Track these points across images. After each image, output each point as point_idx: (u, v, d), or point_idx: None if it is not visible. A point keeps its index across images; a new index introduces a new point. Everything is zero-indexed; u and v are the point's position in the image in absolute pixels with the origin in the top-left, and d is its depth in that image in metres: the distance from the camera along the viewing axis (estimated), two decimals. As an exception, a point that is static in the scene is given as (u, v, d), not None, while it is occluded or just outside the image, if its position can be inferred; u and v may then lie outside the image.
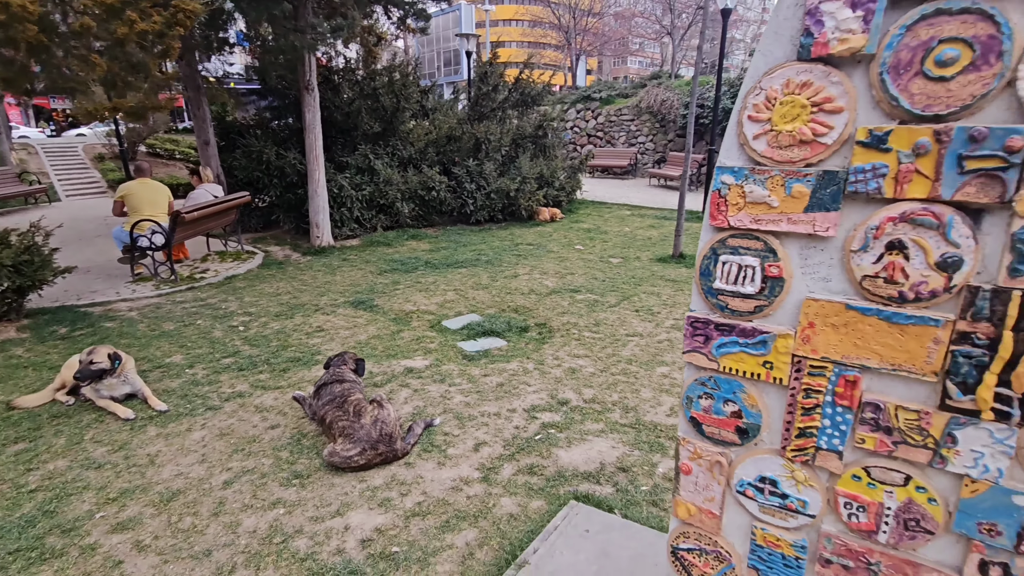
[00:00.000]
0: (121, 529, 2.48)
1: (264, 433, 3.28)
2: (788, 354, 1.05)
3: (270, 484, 2.79)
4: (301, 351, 4.51)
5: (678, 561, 1.34)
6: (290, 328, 5.06)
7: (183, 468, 2.94)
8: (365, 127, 9.73)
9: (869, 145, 0.90)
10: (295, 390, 3.75)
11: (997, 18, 0.79)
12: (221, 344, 4.67)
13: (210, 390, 3.84)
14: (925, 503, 0.99)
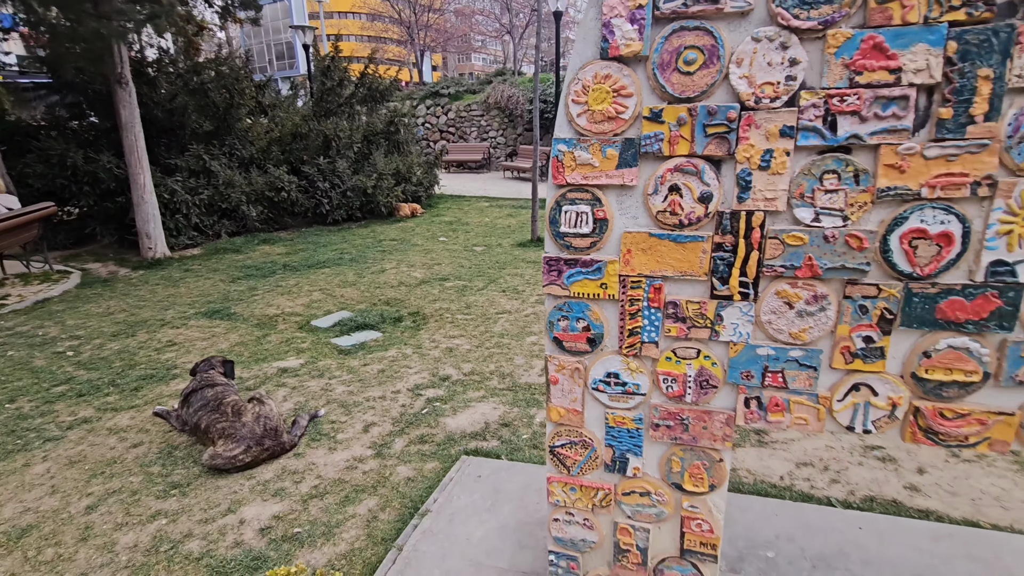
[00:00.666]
0: (-41, 579, 2.19)
1: (126, 453, 3.03)
2: (616, 275, 1.42)
3: (144, 499, 2.63)
4: (153, 367, 4.14)
5: (556, 457, 1.68)
6: (134, 346, 4.58)
7: (29, 504, 2.63)
8: (194, 126, 8.90)
9: (651, 119, 1.29)
10: (155, 406, 3.48)
11: (715, 33, 1.21)
12: (47, 373, 4.09)
13: (44, 421, 3.39)
14: (711, 367, 1.43)
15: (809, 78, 1.19)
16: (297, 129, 9.69)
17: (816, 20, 1.14)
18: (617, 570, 1.74)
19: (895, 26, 1.11)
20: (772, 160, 1.23)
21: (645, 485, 1.61)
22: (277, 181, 8.94)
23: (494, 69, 54.95)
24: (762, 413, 1.42)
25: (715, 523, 1.59)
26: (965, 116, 1.11)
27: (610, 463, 1.62)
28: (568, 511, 1.72)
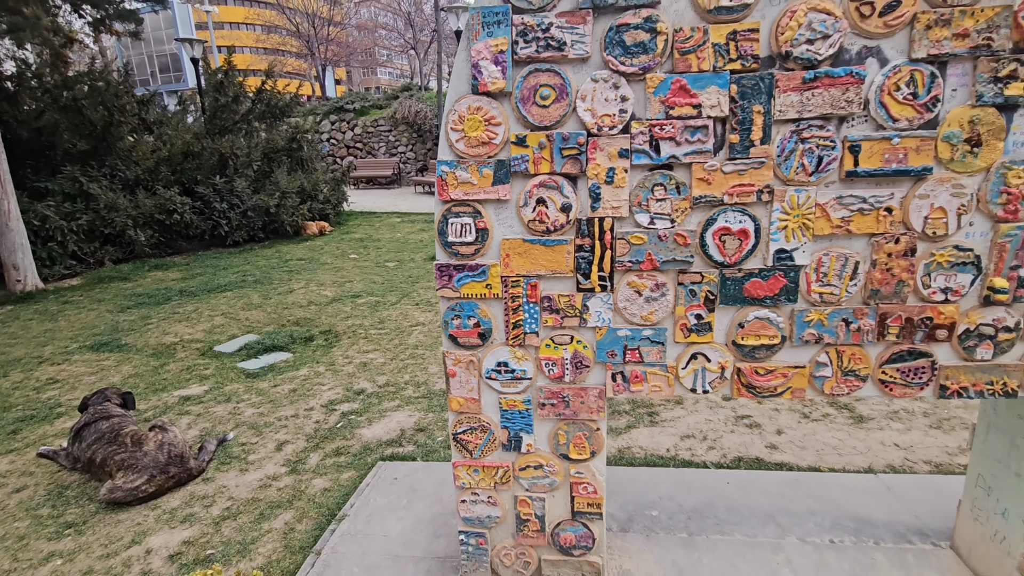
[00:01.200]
0: None
1: (7, 499, 2.81)
2: (498, 276, 1.64)
3: (34, 543, 2.47)
4: (32, 408, 3.82)
5: (459, 444, 1.87)
6: (7, 387, 4.18)
7: None
8: (66, 145, 8.18)
9: (517, 144, 1.54)
10: (39, 447, 3.23)
11: (563, 74, 1.48)
12: (-102, 424, 3.63)
13: (-101, 477, 3.04)
14: (583, 350, 1.69)
15: (637, 111, 1.50)
16: (189, 148, 9.17)
17: (637, 66, 1.45)
18: (520, 540, 1.96)
19: (694, 72, 1.44)
20: (615, 176, 1.52)
21: (538, 459, 1.84)
22: (168, 203, 8.41)
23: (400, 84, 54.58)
24: (626, 385, 1.70)
25: (598, 485, 1.85)
26: (748, 140, 1.46)
27: (507, 443, 1.84)
28: (473, 491, 1.91)
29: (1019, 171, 1.41)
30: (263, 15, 32.41)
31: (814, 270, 1.54)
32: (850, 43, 1.39)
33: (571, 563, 1.97)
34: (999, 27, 1.33)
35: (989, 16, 1.32)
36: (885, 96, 1.40)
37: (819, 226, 1.50)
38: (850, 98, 1.40)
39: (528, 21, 1.45)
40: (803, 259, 1.53)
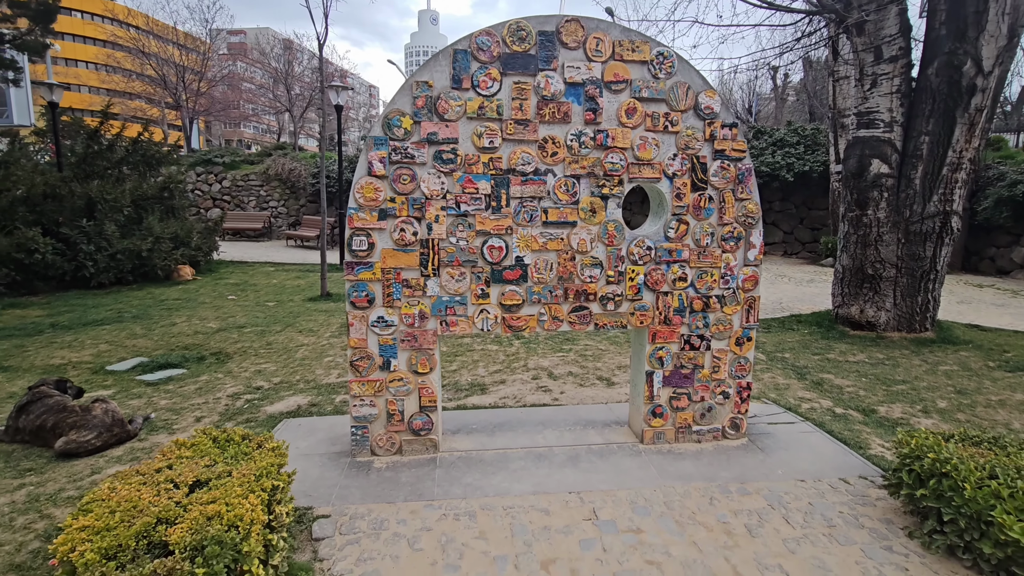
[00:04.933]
0: None
1: (-44, 462, 3.42)
2: (380, 268, 3.12)
3: (2, 479, 3.20)
4: (-64, 410, 4.23)
5: (354, 367, 3.23)
6: None
7: None
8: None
9: (391, 201, 3.08)
10: (-33, 430, 3.79)
11: (413, 169, 3.08)
12: None
13: None
14: (425, 308, 3.21)
15: (450, 187, 3.14)
16: (53, 190, 9.24)
17: (448, 169, 3.11)
18: (389, 428, 3.33)
19: (475, 173, 3.14)
20: (439, 218, 3.13)
21: (400, 375, 3.27)
22: (29, 243, 8.41)
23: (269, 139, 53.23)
24: (447, 327, 3.24)
25: (436, 389, 3.32)
26: (499, 205, 3.17)
27: (382, 365, 3.25)
28: (361, 398, 3.27)
29: (611, 224, 3.30)
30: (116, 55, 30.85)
31: (534, 266, 3.26)
32: (540, 166, 3.20)
33: (420, 441, 3.37)
34: (595, 166, 3.23)
35: (591, 161, 3.22)
36: (556, 190, 3.21)
37: (534, 246, 3.24)
38: (542, 190, 3.20)
39: (397, 145, 3.06)
40: (529, 261, 3.25)
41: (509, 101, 3.15)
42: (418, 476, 3.19)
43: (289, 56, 32.58)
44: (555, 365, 5.61)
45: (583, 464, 3.37)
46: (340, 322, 7.47)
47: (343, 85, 11.67)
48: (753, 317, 3.57)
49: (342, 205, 14.77)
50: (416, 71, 3.13)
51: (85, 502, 2.09)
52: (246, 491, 2.13)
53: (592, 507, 2.94)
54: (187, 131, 26.46)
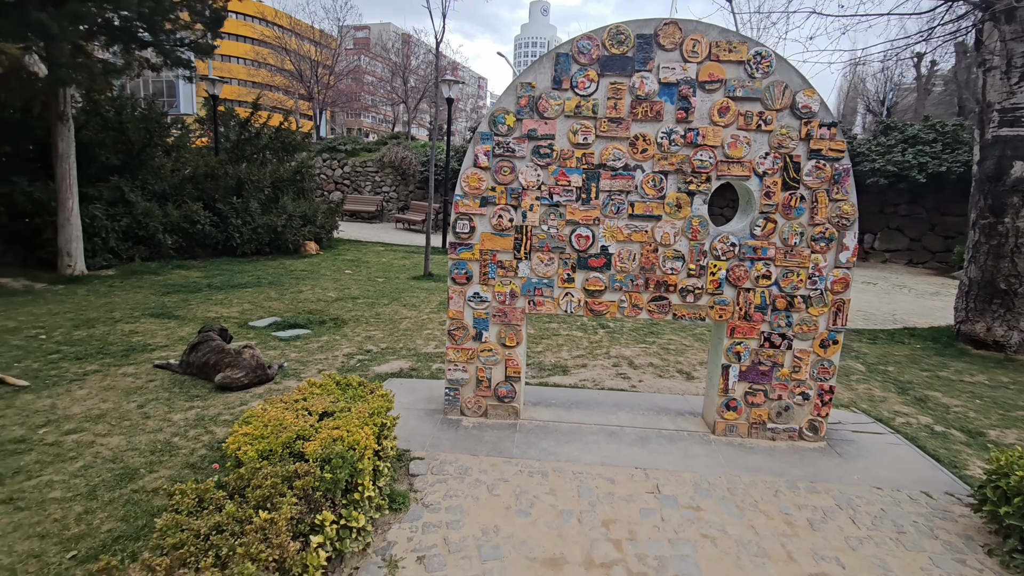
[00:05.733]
0: (70, 435, 3.51)
1: (146, 384, 4.38)
2: (479, 249, 3.53)
3: (178, 402, 4.07)
4: (129, 345, 5.35)
5: (451, 336, 3.68)
6: (101, 333, 5.68)
7: (89, 407, 3.92)
8: (103, 159, 9.66)
9: (492, 190, 3.46)
10: (148, 366, 4.79)
11: (513, 162, 3.43)
12: (32, 348, 5.11)
13: (59, 373, 4.55)
14: (515, 288, 3.57)
15: (545, 179, 3.46)
16: (213, 171, 10.86)
17: (544, 161, 3.42)
18: (477, 393, 3.75)
19: (568, 167, 3.42)
20: (533, 208, 3.46)
21: (489, 346, 3.67)
22: (194, 215, 10.00)
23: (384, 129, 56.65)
24: (534, 306, 3.58)
25: (520, 362, 3.69)
26: (589, 197, 3.44)
27: (475, 336, 3.67)
28: (455, 364, 3.71)
29: (696, 220, 3.43)
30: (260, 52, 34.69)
31: (618, 256, 3.49)
32: (630, 162, 3.41)
33: (504, 407, 3.76)
34: (683, 163, 3.37)
35: (680, 158, 3.37)
36: (644, 185, 3.41)
37: (619, 236, 3.47)
38: (631, 184, 3.41)
39: (500, 139, 3.42)
40: (613, 250, 3.49)
41: (604, 100, 3.39)
42: (499, 437, 3.58)
43: (407, 50, 34.61)
44: (636, 355, 5.76)
45: (652, 445, 3.57)
46: (439, 300, 8.13)
47: (455, 79, 12.38)
48: (841, 320, 3.52)
49: (447, 192, 15.70)
50: (521, 73, 3.47)
51: (246, 416, 2.70)
52: (362, 423, 2.63)
53: (656, 483, 3.15)
54: (317, 121, 29.24)
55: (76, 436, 3.47)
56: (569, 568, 2.42)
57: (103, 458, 3.22)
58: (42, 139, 8.82)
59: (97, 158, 9.69)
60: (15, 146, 9.05)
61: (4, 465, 3.09)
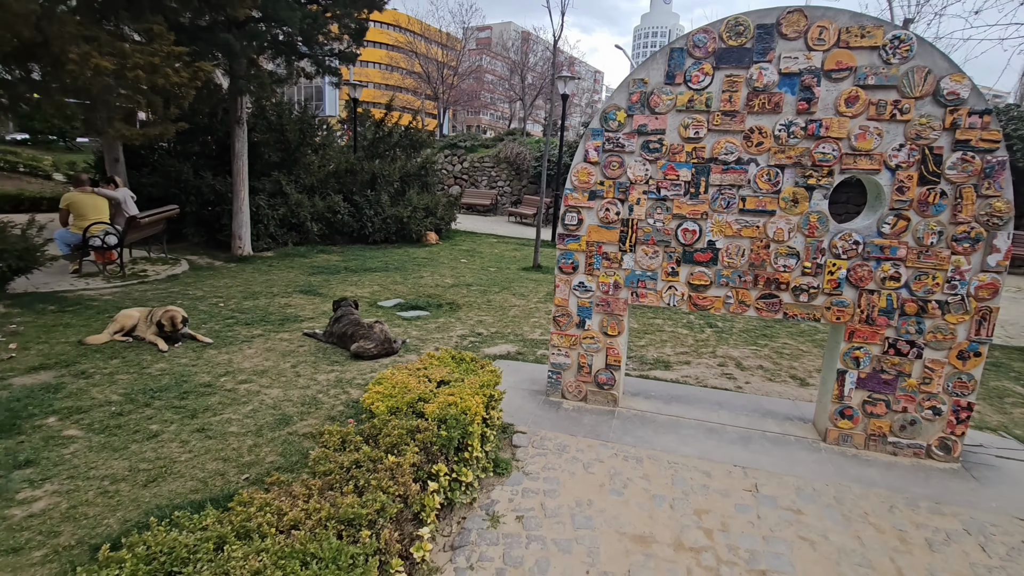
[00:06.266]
0: (242, 384, 4.29)
1: (297, 348, 5.17)
2: (585, 241, 3.70)
3: (322, 365, 4.77)
4: (286, 315, 6.29)
5: (555, 322, 3.90)
6: (263, 304, 6.73)
7: (256, 364, 4.74)
8: (266, 157, 11.20)
9: (600, 184, 3.61)
10: (299, 334, 5.62)
11: (622, 157, 3.55)
12: (214, 313, 6.21)
13: (233, 334, 5.51)
14: (619, 279, 3.69)
15: (653, 174, 3.53)
16: (352, 167, 12.14)
17: (653, 156, 3.50)
18: (578, 378, 3.94)
19: (677, 161, 3.46)
20: (640, 202, 3.55)
21: (592, 334, 3.84)
22: (335, 206, 11.29)
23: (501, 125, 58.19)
24: (637, 298, 3.68)
25: (621, 351, 3.81)
26: (698, 191, 3.45)
27: (578, 324, 3.86)
28: (558, 349, 3.93)
29: (814, 216, 3.29)
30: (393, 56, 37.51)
31: (725, 251, 3.47)
32: (743, 155, 3.36)
33: (603, 393, 3.92)
34: (803, 156, 3.25)
35: (799, 151, 3.25)
36: (757, 179, 3.34)
37: (727, 231, 3.44)
38: (742, 179, 3.36)
39: (610, 135, 3.56)
40: (721, 245, 3.47)
41: (719, 94, 3.37)
42: (597, 421, 3.75)
43: (525, 48, 35.33)
44: (745, 357, 5.55)
45: (754, 446, 3.50)
46: (547, 291, 8.40)
47: (570, 76, 12.51)
48: (986, 330, 3.17)
49: (559, 187, 15.95)
50: (633, 70, 3.57)
51: (378, 378, 3.16)
52: (473, 393, 2.95)
53: (755, 482, 3.12)
54: (440, 119, 31.05)
55: (247, 386, 4.24)
56: (658, 547, 2.53)
57: (266, 405, 3.92)
58: (222, 140, 10.51)
59: (262, 156, 11.30)
60: (204, 146, 10.89)
61: (197, 403, 3.89)
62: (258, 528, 1.81)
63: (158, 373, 4.36)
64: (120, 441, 3.30)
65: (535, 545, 2.47)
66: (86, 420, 3.52)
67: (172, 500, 2.77)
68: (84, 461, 3.06)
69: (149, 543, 1.69)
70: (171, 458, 3.15)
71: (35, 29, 4.55)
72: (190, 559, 1.66)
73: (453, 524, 2.61)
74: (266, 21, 8.29)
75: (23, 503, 2.69)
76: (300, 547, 1.69)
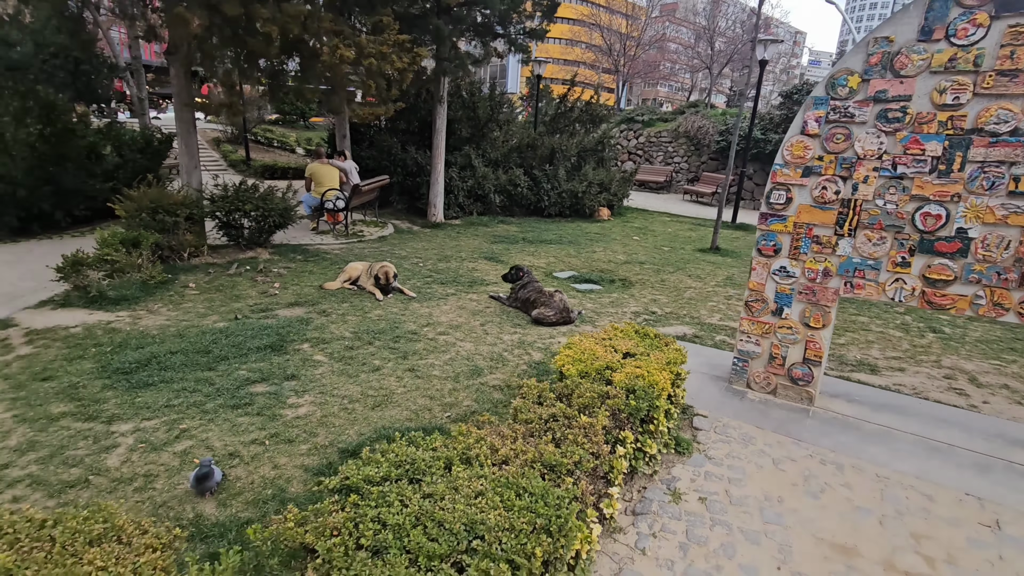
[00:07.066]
0: (441, 335, 4.85)
1: (484, 309, 5.66)
2: (792, 222, 3.39)
3: (506, 326, 5.16)
4: (473, 278, 6.89)
5: (747, 307, 3.68)
6: (453, 267, 7.46)
7: (451, 319, 5.32)
8: (459, 132, 12.13)
9: (819, 159, 3.25)
10: (485, 296, 6.12)
11: (849, 128, 3.14)
12: (415, 271, 7.07)
13: (431, 291, 6.23)
14: (830, 266, 3.32)
15: (889, 147, 3.07)
16: (533, 142, 12.60)
17: (892, 127, 3.03)
18: (768, 369, 3.69)
19: (924, 133, 2.96)
20: (868, 179, 3.13)
21: (790, 324, 3.54)
22: (516, 179, 11.88)
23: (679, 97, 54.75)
24: (851, 289, 3.28)
25: (823, 345, 3.46)
26: (950, 169, 2.91)
27: (774, 311, 3.59)
28: (748, 336, 3.71)
29: None
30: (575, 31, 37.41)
31: (981, 241, 2.89)
32: (1022, 124, 2.74)
33: (796, 389, 3.61)
34: (1122, 124, 2.53)
35: (1116, 118, 2.54)
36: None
37: (988, 218, 2.86)
38: (1018, 153, 2.75)
39: (837, 104, 3.17)
40: (975, 234, 2.90)
41: (995, 49, 2.77)
42: (788, 418, 3.48)
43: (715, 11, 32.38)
44: (984, 372, 4.60)
45: (995, 476, 2.94)
46: (726, 275, 7.88)
47: (773, 39, 11.22)
48: None
49: (745, 164, 14.58)
50: (876, 27, 3.10)
51: (568, 343, 3.34)
52: (660, 368, 2.97)
53: (995, 518, 2.64)
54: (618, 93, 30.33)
55: (444, 337, 4.80)
56: (863, 562, 2.32)
57: (461, 356, 4.40)
58: (423, 118, 11.69)
59: (455, 132, 12.32)
60: (409, 123, 12.24)
61: (406, 347, 4.53)
62: (476, 457, 2.10)
63: (376, 318, 5.16)
64: (353, 370, 4.02)
65: (720, 529, 2.44)
66: (328, 350, 4.35)
67: (392, 424, 3.32)
68: (329, 382, 3.81)
69: (397, 452, 2.07)
70: (390, 390, 3.75)
71: (302, 26, 5.54)
72: (427, 471, 2.00)
73: (634, 492, 2.69)
74: (469, 6, 8.91)
75: (291, 407, 3.45)
76: (514, 480, 1.93)
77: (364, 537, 1.65)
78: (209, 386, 3.58)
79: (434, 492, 1.87)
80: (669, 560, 2.23)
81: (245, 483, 2.68)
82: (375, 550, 1.63)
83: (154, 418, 3.18)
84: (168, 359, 3.89)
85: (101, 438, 2.95)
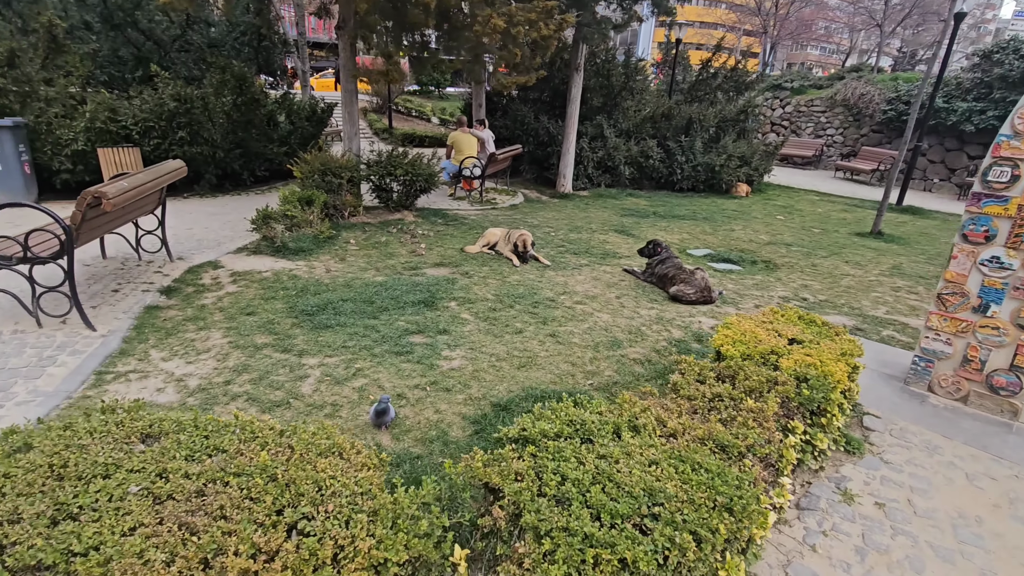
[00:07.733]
0: (577, 304, 4.88)
1: (619, 281, 5.59)
2: (1016, 205, 2.88)
3: (642, 301, 5.06)
4: (605, 250, 6.81)
5: (940, 300, 3.23)
6: (585, 238, 7.41)
7: (586, 289, 5.32)
8: (592, 101, 11.83)
9: (1066, 130, 2.70)
10: (618, 268, 6.02)
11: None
12: (548, 240, 7.13)
13: (565, 261, 6.26)
14: (1065, 260, 2.79)
15: None
16: (669, 111, 11.95)
17: None
18: (959, 373, 3.23)
19: None
20: None
21: (997, 323, 3.05)
22: (648, 151, 11.41)
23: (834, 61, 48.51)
24: (1094, 288, 2.73)
25: (1041, 352, 2.95)
26: None
27: (977, 308, 3.11)
28: (936, 332, 3.27)
29: None
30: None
31: None
32: None
33: (995, 399, 3.14)
34: None
35: None
36: None
37: None
38: None
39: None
40: None
41: None
42: (983, 431, 3.04)
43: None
44: None
45: None
46: (892, 263, 6.98)
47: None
48: None
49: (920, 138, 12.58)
50: None
51: (725, 323, 3.19)
52: (835, 358, 2.73)
53: None
54: (765, 57, 27.52)
55: (581, 307, 4.83)
56: (1085, 602, 2.00)
57: (599, 326, 4.41)
58: (556, 87, 11.57)
59: (587, 101, 12.04)
60: (541, 93, 12.20)
61: (545, 313, 4.63)
62: (644, 427, 2.10)
63: (515, 283, 5.33)
64: (497, 330, 4.20)
65: (903, 539, 2.23)
66: (473, 309, 4.59)
67: (537, 385, 3.44)
68: (477, 339, 4.02)
69: (567, 411, 2.14)
70: (534, 352, 3.88)
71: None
72: (596, 433, 2.05)
73: (797, 486, 2.54)
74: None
75: (446, 359, 3.71)
76: (688, 455, 1.91)
77: (547, 487, 1.75)
78: (375, 332, 3.96)
79: (607, 455, 1.91)
80: (844, 562, 2.09)
81: (412, 422, 2.96)
82: (558, 500, 1.72)
83: (334, 356, 3.61)
84: (341, 305, 4.36)
85: (295, 368, 3.42)
